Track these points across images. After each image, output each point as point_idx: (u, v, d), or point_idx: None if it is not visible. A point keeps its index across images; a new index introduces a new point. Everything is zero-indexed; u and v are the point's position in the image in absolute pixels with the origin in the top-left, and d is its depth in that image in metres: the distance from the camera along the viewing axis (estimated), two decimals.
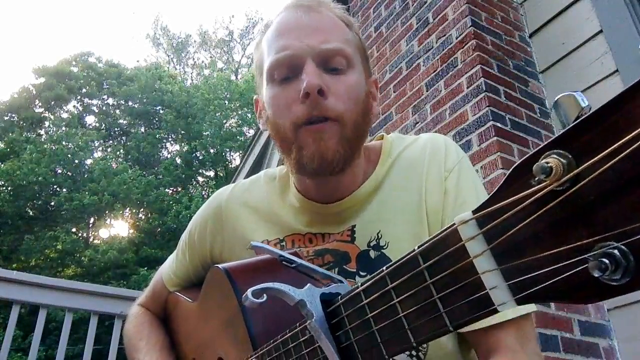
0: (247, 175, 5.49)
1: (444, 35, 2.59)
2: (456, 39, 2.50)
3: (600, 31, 2.27)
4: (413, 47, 2.82)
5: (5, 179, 15.88)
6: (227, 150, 19.94)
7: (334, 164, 0.76)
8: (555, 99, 0.31)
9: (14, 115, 19.22)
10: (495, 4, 2.66)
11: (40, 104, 19.65)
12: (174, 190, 19.19)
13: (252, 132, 18.77)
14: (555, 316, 1.88)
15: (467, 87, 2.35)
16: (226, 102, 20.39)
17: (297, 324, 0.59)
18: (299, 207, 0.86)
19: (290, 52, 0.77)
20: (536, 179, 0.29)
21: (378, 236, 0.80)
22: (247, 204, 0.92)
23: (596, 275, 0.27)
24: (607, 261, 0.26)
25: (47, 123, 19.46)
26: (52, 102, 19.45)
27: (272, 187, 0.92)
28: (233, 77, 22.97)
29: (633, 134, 0.25)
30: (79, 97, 20.42)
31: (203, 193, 18.82)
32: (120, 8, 39.07)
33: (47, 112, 19.75)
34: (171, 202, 17.32)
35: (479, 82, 2.28)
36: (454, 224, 0.37)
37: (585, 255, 0.28)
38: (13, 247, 15.48)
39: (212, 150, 19.78)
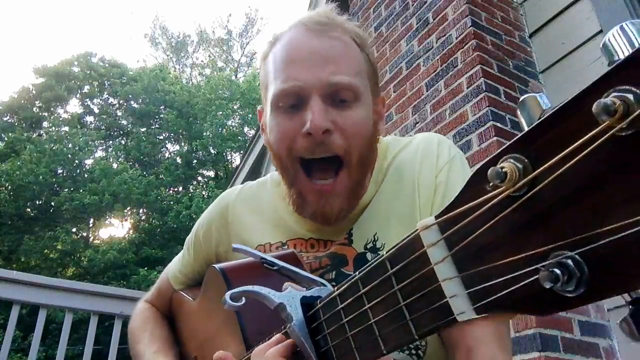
0: (247, 175, 5.49)
1: (444, 35, 2.59)
2: (456, 39, 2.50)
3: (600, 31, 2.26)
4: (413, 47, 2.82)
5: (5, 179, 15.87)
6: (228, 150, 19.93)
7: (338, 219, 0.78)
8: (521, 99, 0.30)
9: (13, 115, 19.23)
10: (495, 4, 2.66)
11: (40, 104, 19.65)
12: (175, 190, 19.19)
13: (252, 132, 18.76)
14: (555, 316, 1.88)
15: (467, 87, 2.34)
16: (227, 102, 20.37)
17: (282, 327, 0.59)
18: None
19: (297, 84, 0.75)
20: (491, 184, 0.28)
21: (374, 238, 0.80)
22: (253, 207, 0.94)
23: (547, 287, 0.25)
24: (558, 272, 0.25)
25: (47, 123, 19.46)
26: (52, 102, 19.45)
27: (277, 192, 0.93)
28: (233, 77, 22.95)
29: (589, 134, 0.23)
30: (79, 97, 20.42)
31: (203, 193, 18.79)
32: (119, 8, 39.08)
33: (47, 112, 19.75)
34: (171, 202, 17.32)
35: (479, 82, 2.28)
36: (417, 229, 0.36)
37: (538, 265, 0.26)
38: (13, 247, 15.47)
39: (212, 150, 19.77)
